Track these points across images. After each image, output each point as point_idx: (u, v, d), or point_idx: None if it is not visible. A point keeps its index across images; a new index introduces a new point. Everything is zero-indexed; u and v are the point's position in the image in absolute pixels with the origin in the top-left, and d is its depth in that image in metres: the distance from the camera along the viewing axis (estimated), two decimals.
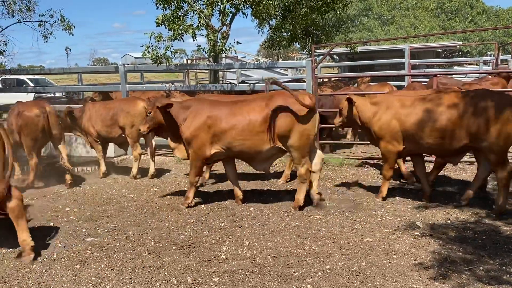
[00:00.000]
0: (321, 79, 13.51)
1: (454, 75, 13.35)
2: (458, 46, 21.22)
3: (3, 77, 19.56)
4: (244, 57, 23.58)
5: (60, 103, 10.38)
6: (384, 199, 6.04)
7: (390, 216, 5.43)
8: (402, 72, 14.99)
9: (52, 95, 14.26)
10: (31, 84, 19.85)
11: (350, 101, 6.22)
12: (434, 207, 5.72)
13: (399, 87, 12.51)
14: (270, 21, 13.22)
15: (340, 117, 6.42)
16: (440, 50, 21.22)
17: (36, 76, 21.11)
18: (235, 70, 16.54)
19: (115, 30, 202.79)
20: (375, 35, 24.92)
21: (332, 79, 12.27)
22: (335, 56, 21.97)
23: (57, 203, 6.55)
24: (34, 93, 14.21)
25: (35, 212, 6.12)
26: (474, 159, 6.48)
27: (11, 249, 4.82)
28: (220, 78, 19.15)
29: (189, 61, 19.32)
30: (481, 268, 4.01)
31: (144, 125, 6.18)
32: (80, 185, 7.51)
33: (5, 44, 9.85)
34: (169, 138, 6.15)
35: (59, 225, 5.59)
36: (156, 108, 5.96)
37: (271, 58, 47.77)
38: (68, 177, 7.36)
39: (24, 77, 20.69)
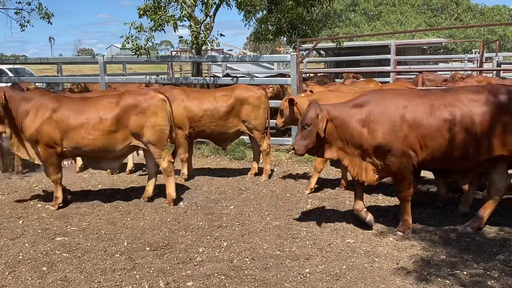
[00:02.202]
0: (307, 74, 13.37)
1: (438, 72, 13.37)
2: (443, 43, 21.26)
3: None
4: (231, 50, 23.30)
5: None
6: (312, 191, 6.14)
7: (374, 217, 5.28)
8: (387, 68, 14.92)
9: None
10: (10, 74, 19.27)
11: (291, 101, 6.19)
12: (419, 207, 5.58)
13: (385, 84, 12.42)
14: (256, 13, 13.02)
15: (281, 117, 6.40)
16: (426, 47, 21.24)
17: (16, 66, 20.50)
18: (220, 63, 16.37)
19: (100, 21, 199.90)
20: (361, 31, 24.80)
21: (318, 74, 12.09)
22: (321, 51, 21.85)
23: (29, 199, 6.27)
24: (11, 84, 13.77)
25: (4, 208, 5.85)
26: None
27: None
28: (206, 71, 18.90)
29: (173, 53, 18.99)
30: (464, 272, 3.89)
31: None
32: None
33: None
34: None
35: (28, 222, 5.33)
36: None
37: (258, 52, 47.57)
38: None
39: (3, 67, 20.09)
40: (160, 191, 6.34)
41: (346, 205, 5.75)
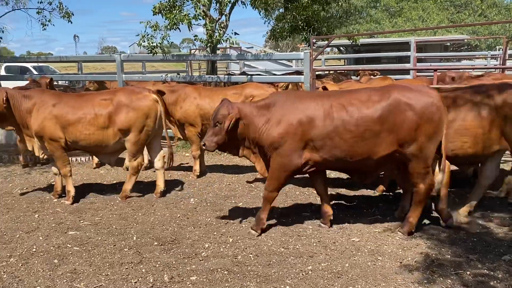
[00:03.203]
0: (324, 72, 13.31)
1: (460, 70, 13.10)
2: (465, 40, 20.83)
3: (6, 64, 19.59)
4: (252, 48, 23.35)
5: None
6: (199, 176, 6.52)
7: (381, 215, 5.28)
8: (406, 65, 14.72)
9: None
10: (35, 72, 19.79)
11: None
12: (427, 205, 5.55)
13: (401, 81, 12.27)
14: (272, 11, 13.04)
15: None
16: (448, 44, 20.85)
17: (40, 64, 21.03)
18: (238, 61, 16.44)
19: (123, 19, 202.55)
20: (382, 27, 24.49)
21: (332, 72, 12.03)
22: (341, 48, 21.69)
23: (46, 194, 6.47)
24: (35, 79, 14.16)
25: (22, 203, 6.06)
26: None
27: None
28: (224, 69, 19.02)
29: (193, 51, 19.16)
30: (468, 272, 3.86)
31: None
32: (72, 176, 7.40)
33: (2, 31, 9.74)
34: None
35: (44, 216, 5.51)
36: None
37: (278, 49, 47.47)
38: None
39: (28, 65, 20.64)
40: (172, 187, 6.46)
41: (355, 204, 5.75)
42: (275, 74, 15.43)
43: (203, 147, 4.80)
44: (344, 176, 6.81)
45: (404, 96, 4.41)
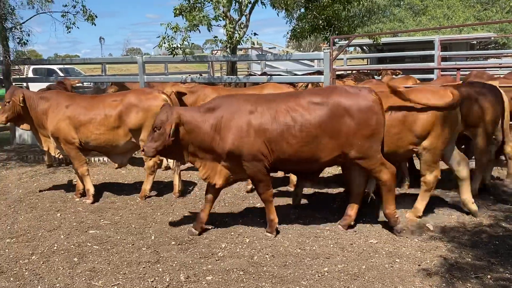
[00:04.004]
0: (346, 71, 13.19)
1: (486, 69, 12.77)
2: (492, 38, 20.31)
3: (34, 66, 20.07)
4: (274, 48, 23.30)
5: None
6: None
7: (400, 217, 5.19)
8: (431, 64, 14.46)
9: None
10: (61, 74, 20.22)
11: None
12: (448, 208, 5.45)
13: (428, 80, 12.08)
14: (294, 11, 12.99)
15: None
16: (475, 42, 20.36)
17: (66, 66, 21.48)
18: (259, 61, 16.44)
19: (148, 20, 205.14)
20: (406, 26, 24.08)
21: (353, 71, 11.92)
22: (364, 47, 21.44)
23: (69, 193, 6.60)
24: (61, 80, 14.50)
25: (45, 202, 6.20)
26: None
27: (14, 239, 4.89)
28: (246, 70, 19.04)
29: (214, 52, 19.26)
30: (489, 276, 3.77)
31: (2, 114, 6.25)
32: (94, 175, 7.56)
33: (28, 35, 9.97)
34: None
35: (65, 215, 5.63)
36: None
37: (301, 49, 47.29)
38: None
39: (55, 67, 21.11)
40: (191, 187, 6.51)
41: (374, 204, 5.67)
42: (296, 74, 15.39)
43: (142, 153, 4.76)
44: None
45: (343, 100, 4.44)
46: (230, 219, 5.31)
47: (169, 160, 7.74)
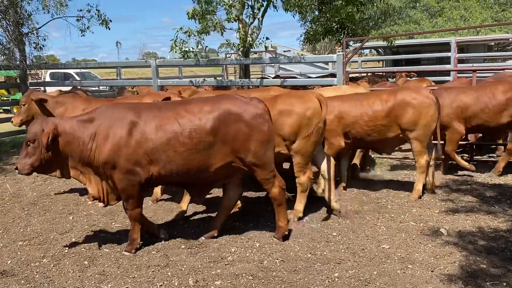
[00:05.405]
0: (361, 74, 13.09)
1: (504, 70, 12.51)
2: (511, 39, 19.93)
3: (51, 71, 20.39)
4: (289, 51, 23.27)
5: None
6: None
7: (413, 221, 5.11)
8: (447, 66, 14.26)
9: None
10: (77, 78, 20.50)
11: None
12: (463, 212, 5.34)
13: (444, 83, 11.90)
14: (306, 14, 12.94)
15: None
16: (492, 44, 20.00)
17: (82, 70, 21.76)
18: (273, 64, 16.42)
19: (164, 25, 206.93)
20: (422, 28, 23.80)
21: (369, 73, 11.81)
22: (379, 50, 21.25)
23: (82, 196, 6.65)
24: (77, 86, 14.75)
25: (58, 205, 6.25)
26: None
27: (26, 241, 4.93)
28: (259, 73, 19.03)
29: (228, 56, 19.28)
30: (504, 283, 3.67)
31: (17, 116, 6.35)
32: None
33: (44, 40, 10.14)
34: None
35: (78, 218, 5.66)
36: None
37: (316, 52, 47.16)
38: None
39: (71, 71, 21.40)
40: None
41: (388, 209, 5.60)
42: (310, 77, 15.32)
43: (16, 171, 4.33)
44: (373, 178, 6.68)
45: (234, 108, 4.35)
46: (240, 223, 5.27)
47: None
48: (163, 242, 4.79)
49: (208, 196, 6.31)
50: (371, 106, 5.82)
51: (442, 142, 6.58)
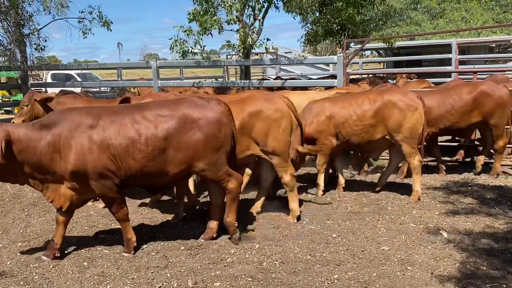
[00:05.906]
0: (361, 75, 13.06)
1: (504, 72, 12.51)
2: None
3: (52, 72, 20.42)
4: (290, 52, 23.28)
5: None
6: None
7: (414, 223, 5.10)
8: (448, 68, 14.25)
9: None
10: (78, 79, 20.53)
11: None
12: (463, 214, 5.33)
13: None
14: (307, 16, 12.95)
15: None
16: (494, 45, 19.99)
17: (84, 71, 21.78)
18: (273, 66, 16.43)
19: (165, 26, 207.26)
20: (423, 29, 23.82)
21: (370, 75, 11.79)
22: (380, 51, 21.25)
23: None
24: (81, 88, 14.80)
25: None
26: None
27: (26, 242, 4.93)
28: (260, 74, 19.04)
29: (229, 57, 19.29)
30: (504, 286, 3.66)
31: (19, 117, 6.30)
32: None
33: (45, 41, 10.15)
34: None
35: (78, 220, 5.65)
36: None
37: (317, 53, 47.16)
38: None
39: (72, 72, 21.42)
40: (204, 192, 6.50)
41: (388, 210, 5.59)
42: (310, 78, 15.31)
43: None
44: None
45: (191, 112, 4.32)
46: (240, 224, 5.25)
47: None
48: (162, 243, 4.79)
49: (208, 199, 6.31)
50: (360, 106, 5.90)
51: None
